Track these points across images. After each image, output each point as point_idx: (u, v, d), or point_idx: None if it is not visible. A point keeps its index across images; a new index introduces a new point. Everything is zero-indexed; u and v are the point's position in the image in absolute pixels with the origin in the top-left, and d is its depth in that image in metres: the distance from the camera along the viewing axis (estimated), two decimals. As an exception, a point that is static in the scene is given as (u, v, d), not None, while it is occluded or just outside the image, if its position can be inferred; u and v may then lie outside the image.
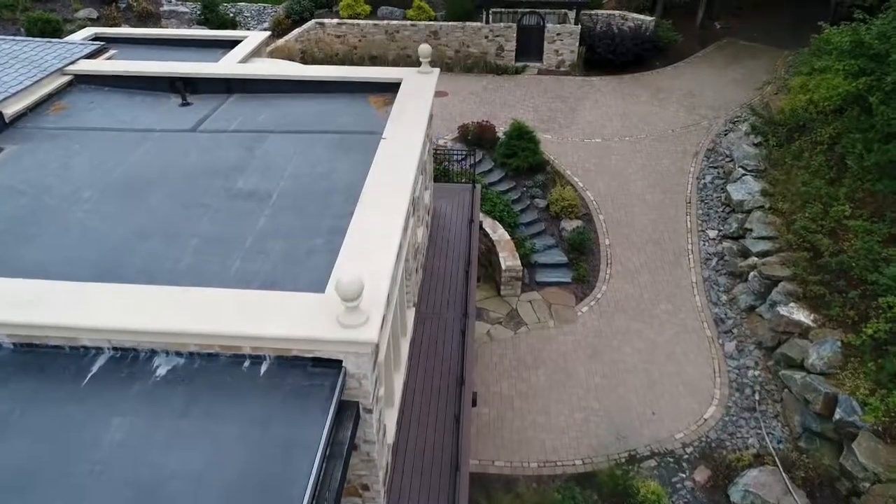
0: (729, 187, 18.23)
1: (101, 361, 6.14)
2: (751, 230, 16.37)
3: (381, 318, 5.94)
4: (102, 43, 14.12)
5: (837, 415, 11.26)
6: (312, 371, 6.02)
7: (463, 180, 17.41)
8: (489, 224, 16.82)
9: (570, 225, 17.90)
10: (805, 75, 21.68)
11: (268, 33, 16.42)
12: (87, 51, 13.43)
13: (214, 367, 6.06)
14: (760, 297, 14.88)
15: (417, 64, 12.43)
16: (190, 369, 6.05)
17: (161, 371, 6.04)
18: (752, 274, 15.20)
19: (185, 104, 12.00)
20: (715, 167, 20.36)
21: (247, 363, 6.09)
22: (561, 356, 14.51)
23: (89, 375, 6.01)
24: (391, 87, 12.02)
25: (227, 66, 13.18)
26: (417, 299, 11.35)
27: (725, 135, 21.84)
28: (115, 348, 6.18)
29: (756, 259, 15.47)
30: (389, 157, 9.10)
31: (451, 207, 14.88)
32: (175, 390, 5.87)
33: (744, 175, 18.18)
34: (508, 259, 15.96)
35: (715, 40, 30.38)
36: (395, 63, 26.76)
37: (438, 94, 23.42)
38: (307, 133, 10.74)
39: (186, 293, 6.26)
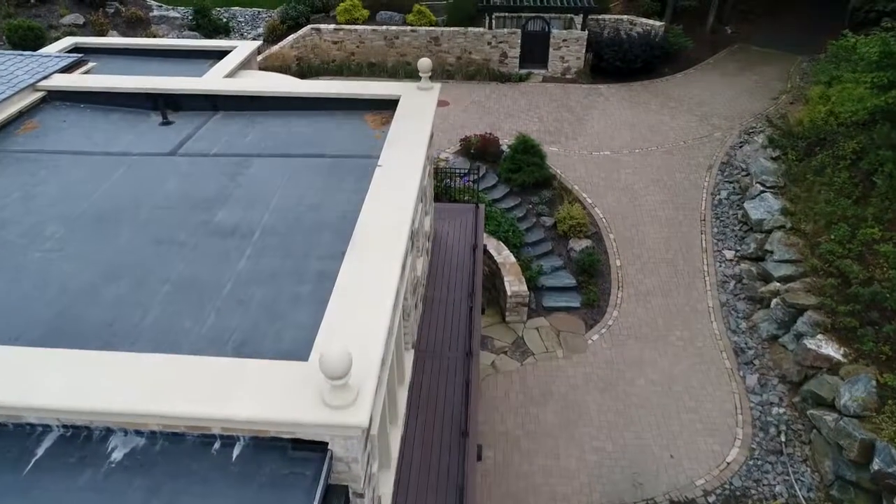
0: (746, 205, 17.43)
1: (48, 443, 5.34)
2: (771, 252, 15.57)
3: (372, 393, 5.14)
4: (80, 55, 13.34)
5: (875, 465, 10.45)
6: (293, 455, 5.22)
7: (466, 198, 16.66)
8: (493, 245, 16.02)
9: (578, 245, 17.11)
10: (824, 84, 20.95)
11: (258, 43, 15.65)
12: (62, 64, 12.66)
13: (179, 450, 5.26)
14: (784, 326, 14.07)
15: (417, 72, 11.66)
16: (150, 453, 5.25)
17: (117, 455, 5.24)
18: (774, 301, 14.39)
19: (166, 123, 11.22)
20: (730, 182, 19.56)
21: (217, 445, 5.29)
22: (571, 389, 13.70)
23: (33, 460, 5.22)
24: (388, 105, 11.26)
25: (212, 81, 12.40)
26: (416, 335, 10.55)
27: (740, 147, 21.05)
28: (65, 426, 5.38)
29: (778, 285, 14.66)
30: (385, 187, 8.31)
31: (454, 230, 14.09)
32: (132, 480, 5.06)
33: (762, 192, 17.37)
34: (514, 284, 15.16)
35: (726, 46, 29.60)
36: (395, 70, 26.00)
37: (439, 103, 22.66)
38: (296, 157, 9.95)
39: (149, 363, 5.46)
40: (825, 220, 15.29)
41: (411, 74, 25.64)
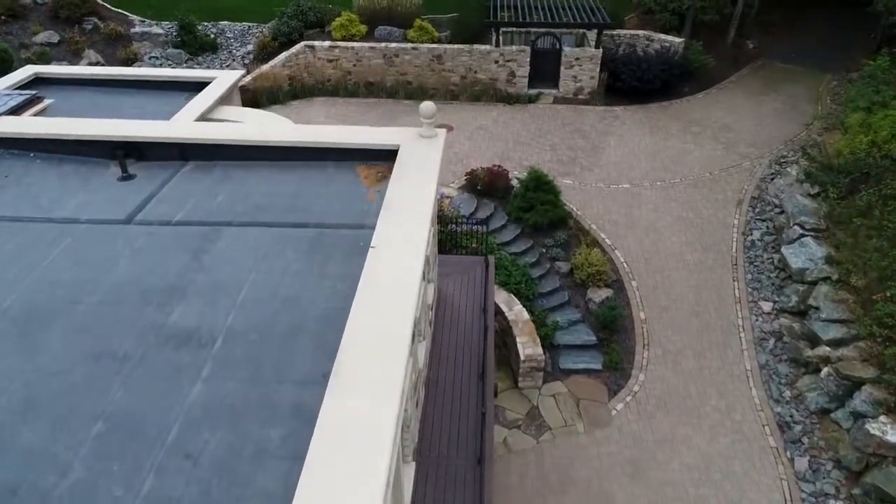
0: (785, 250, 15.94)
1: None
2: (817, 309, 14.07)
3: None
4: (34, 93, 11.92)
5: None
6: None
7: (473, 244, 15.19)
8: (504, 299, 14.55)
9: (598, 295, 15.63)
10: (863, 110, 19.51)
11: (240, 73, 14.25)
12: (11, 104, 11.28)
13: None
14: (836, 399, 12.58)
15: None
16: None
17: None
18: (825, 371, 12.88)
19: (126, 177, 9.77)
20: (763, 220, 18.09)
21: None
22: (594, 474, 12.20)
23: None
24: (385, 156, 9.83)
25: (182, 126, 10.95)
26: (417, 436, 9.07)
27: (772, 179, 19.59)
28: None
29: (828, 349, 13.17)
30: (380, 278, 6.84)
31: (460, 288, 12.62)
32: None
33: (802, 235, 15.89)
34: (528, 345, 13.68)
35: (749, 62, 28.21)
36: (394, 90, 24.57)
37: (441, 128, 21.29)
38: (275, 227, 8.49)
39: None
40: (878, 273, 13.82)
41: (412, 95, 24.28)
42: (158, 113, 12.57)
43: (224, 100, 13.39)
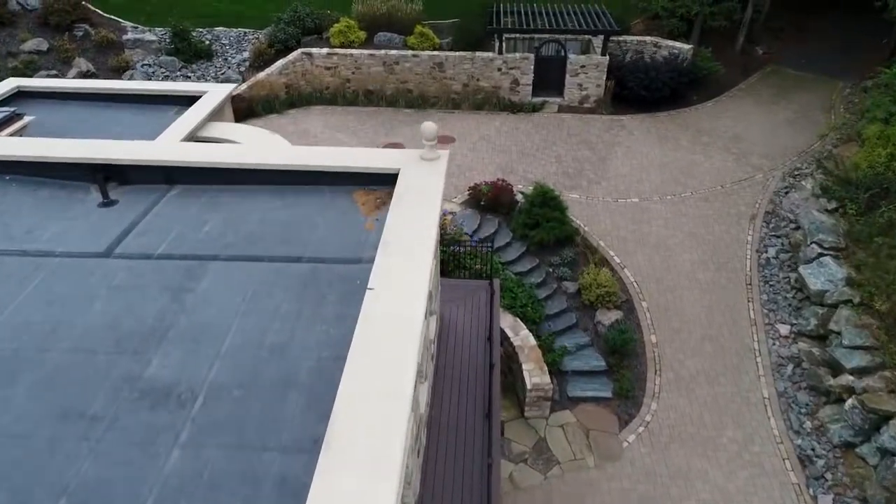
0: (802, 270, 15.35)
1: None
2: (838, 335, 13.49)
3: None
4: (12, 110, 11.39)
5: None
6: None
7: (477, 264, 14.61)
8: (509, 323, 13.97)
9: (607, 317, 15.05)
10: (881, 121, 18.95)
11: (232, 86, 13.70)
12: (-12, 122, 10.72)
13: None
14: (862, 433, 11.99)
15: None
16: None
17: None
18: (849, 402, 12.30)
19: (107, 203, 9.21)
20: (778, 236, 17.51)
21: None
22: (605, 513, 11.63)
23: None
24: (384, 180, 9.27)
25: (169, 147, 10.39)
26: (418, 487, 8.49)
27: (786, 193, 19.01)
28: None
29: (851, 378, 12.58)
30: (378, 327, 6.26)
31: (464, 314, 12.06)
32: None
33: (820, 255, 15.30)
34: (535, 373, 13.11)
35: (758, 68, 27.67)
36: (394, 98, 24.01)
37: (443, 139, 20.73)
38: (265, 261, 7.92)
39: None
40: (902, 297, 13.25)
41: (412, 103, 23.75)
42: (146, 129, 12.07)
43: (215, 114, 12.86)
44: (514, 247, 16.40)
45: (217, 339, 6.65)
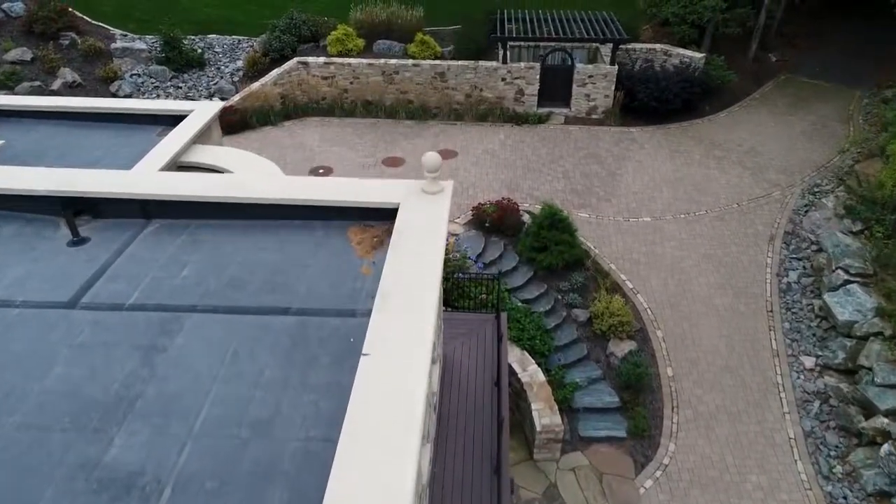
0: (828, 298, 14.58)
1: None
2: (870, 370, 12.72)
3: None
4: (-22, 134, 10.63)
5: None
6: None
7: (483, 292, 13.84)
8: (517, 357, 13.21)
9: (620, 348, 14.28)
10: (905, 136, 18.20)
11: (220, 105, 12.88)
12: (-48, 149, 9.96)
13: None
14: (899, 482, 11.22)
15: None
16: None
17: None
18: (885, 448, 11.52)
19: (77, 241, 8.43)
20: (799, 259, 16.74)
21: None
22: (622, 570, 10.84)
23: None
24: (383, 215, 8.51)
25: (146, 178, 9.61)
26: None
27: (806, 212, 18.25)
28: None
29: (885, 421, 11.81)
30: (374, 401, 5.49)
31: (468, 353, 11.29)
32: None
33: (847, 282, 14.53)
34: (545, 414, 12.33)
35: (772, 77, 26.94)
36: (394, 109, 23.27)
37: (446, 154, 19.98)
38: (249, 313, 7.14)
39: None
40: (938, 330, 12.48)
41: (413, 114, 23.01)
42: (126, 153, 11.32)
43: (202, 136, 12.11)
44: (520, 271, 15.63)
45: (190, 414, 5.88)
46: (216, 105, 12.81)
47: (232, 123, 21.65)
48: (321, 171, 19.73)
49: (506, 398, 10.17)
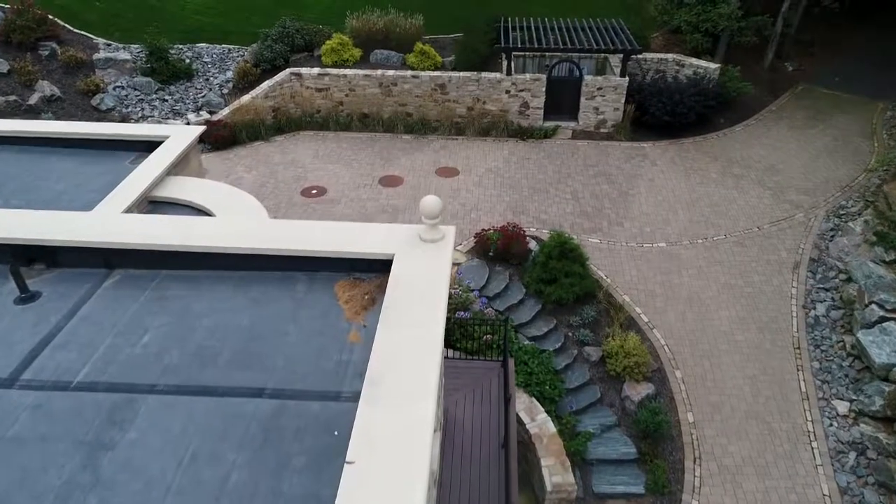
0: (862, 337, 13.60)
1: None
2: (913, 422, 11.74)
3: None
4: (-75, 169, 9.66)
5: None
6: None
7: (488, 331, 12.87)
8: (525, 404, 12.23)
9: (636, 391, 13.31)
10: (938, 156, 17.24)
11: (200, 130, 11.88)
12: None
13: None
14: (952, 553, 10.23)
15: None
16: None
17: None
18: (935, 515, 10.55)
19: (26, 298, 7.46)
20: (827, 289, 15.76)
21: None
22: None
23: None
24: (376, 267, 7.56)
25: (111, 222, 8.62)
26: None
27: (832, 237, 17.27)
28: None
29: (934, 482, 10.82)
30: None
31: (472, 407, 10.33)
32: None
33: (882, 319, 13.57)
34: (556, 471, 11.35)
35: (788, 87, 25.98)
36: (392, 122, 22.33)
37: (447, 172, 19.02)
38: (216, 395, 6.17)
39: None
40: None
41: (412, 128, 22.07)
42: (93, 184, 10.37)
43: (179, 164, 11.15)
44: (527, 305, 14.66)
45: (137, 539, 4.91)
46: (194, 130, 11.83)
47: (220, 139, 20.72)
48: (314, 191, 18.76)
49: (514, 462, 9.19)
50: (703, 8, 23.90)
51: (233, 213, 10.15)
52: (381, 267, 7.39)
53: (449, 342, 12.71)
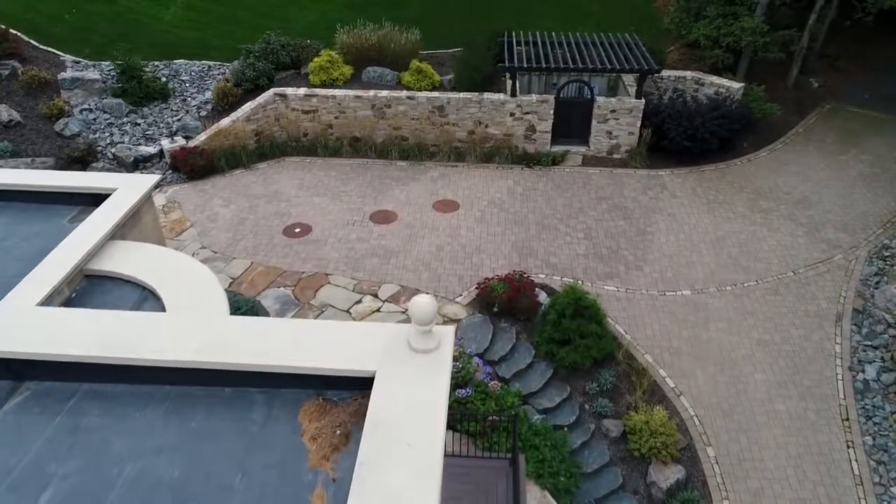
0: (924, 411, 12.03)
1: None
2: None
3: None
4: None
5: None
6: None
7: (490, 414, 11.30)
8: (536, 500, 10.64)
9: (664, 476, 11.74)
10: None
11: (155, 178, 10.30)
12: None
13: None
14: None
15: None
16: None
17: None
18: None
19: None
20: (875, 346, 14.21)
21: None
22: None
23: None
24: (353, 385, 6.03)
25: (21, 323, 7.01)
26: None
27: (877, 284, 15.71)
28: None
29: None
30: None
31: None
32: None
33: (948, 390, 11.99)
34: (573, 589, 9.75)
35: (815, 105, 24.47)
36: (385, 148, 20.82)
37: (445, 206, 17.41)
38: None
39: None
40: None
41: (407, 154, 20.56)
42: (19, 252, 8.80)
43: (128, 223, 9.59)
44: (537, 370, 13.11)
45: None
46: (147, 181, 10.24)
47: (196, 168, 19.19)
48: (297, 230, 17.21)
49: None
50: (724, 21, 22.41)
51: (183, 293, 8.54)
52: (359, 384, 5.86)
53: (449, 424, 11.15)
